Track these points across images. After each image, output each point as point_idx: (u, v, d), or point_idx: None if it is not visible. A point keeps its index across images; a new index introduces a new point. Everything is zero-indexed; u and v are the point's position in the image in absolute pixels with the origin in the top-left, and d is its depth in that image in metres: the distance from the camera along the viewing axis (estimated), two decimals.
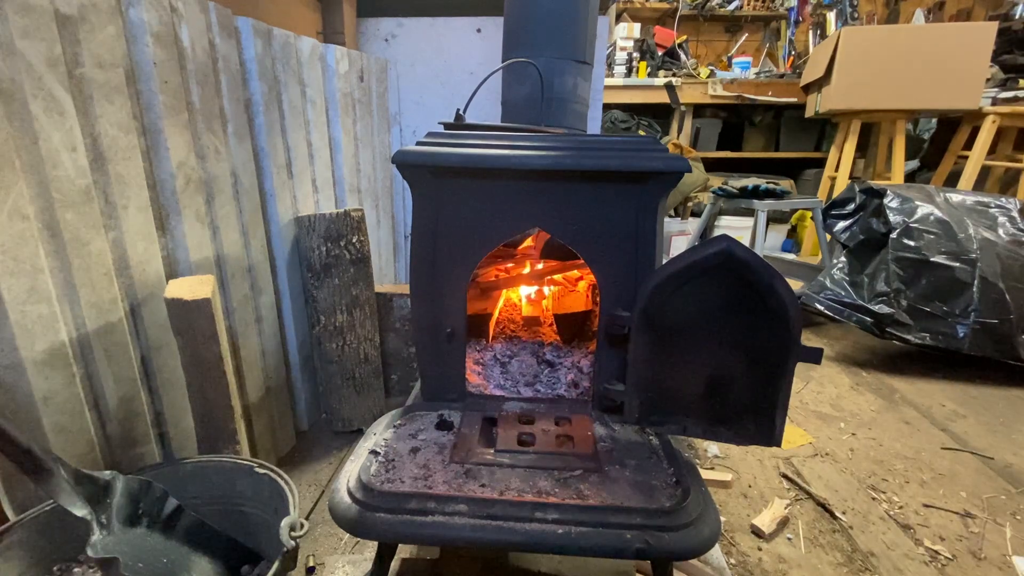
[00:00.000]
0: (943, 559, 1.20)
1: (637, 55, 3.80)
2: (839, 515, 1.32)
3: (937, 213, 2.10)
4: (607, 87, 3.50)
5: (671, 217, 3.61)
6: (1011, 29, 3.21)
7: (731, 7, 4.25)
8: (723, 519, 1.29)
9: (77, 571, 0.85)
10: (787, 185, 3.75)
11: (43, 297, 0.84)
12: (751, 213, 2.76)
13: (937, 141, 3.76)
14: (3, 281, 0.79)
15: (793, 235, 4.00)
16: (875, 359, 2.25)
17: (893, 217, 2.13)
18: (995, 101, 2.99)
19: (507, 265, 1.40)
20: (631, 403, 0.97)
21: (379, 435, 0.97)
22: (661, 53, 3.94)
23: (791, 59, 4.08)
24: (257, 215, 1.34)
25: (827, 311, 2.17)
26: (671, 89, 3.67)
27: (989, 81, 3.03)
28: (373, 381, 1.64)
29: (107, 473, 0.79)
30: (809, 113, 3.47)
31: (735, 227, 3.44)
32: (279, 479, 0.91)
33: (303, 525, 0.81)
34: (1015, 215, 2.12)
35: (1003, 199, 2.17)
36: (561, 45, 1.39)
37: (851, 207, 2.34)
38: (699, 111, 4.00)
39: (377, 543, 0.96)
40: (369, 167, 1.90)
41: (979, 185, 3.34)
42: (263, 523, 0.92)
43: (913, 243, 2.06)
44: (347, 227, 1.48)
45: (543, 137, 0.99)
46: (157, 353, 1.06)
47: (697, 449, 1.59)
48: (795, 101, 3.67)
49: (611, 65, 3.80)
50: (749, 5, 4.26)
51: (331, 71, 1.63)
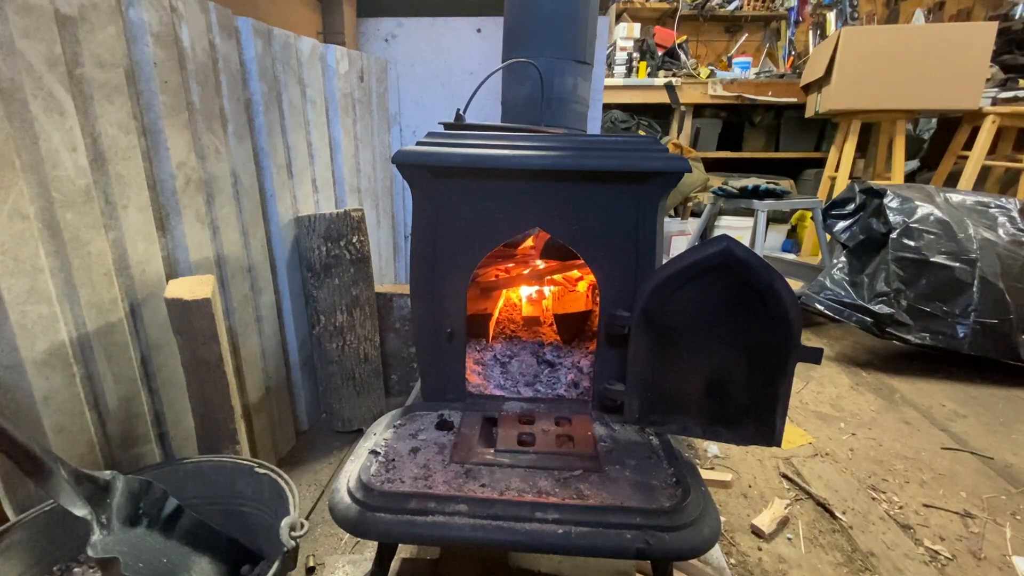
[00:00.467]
0: (943, 559, 1.20)
1: (637, 55, 3.80)
2: (839, 515, 1.32)
3: (937, 213, 2.10)
4: (607, 87, 3.50)
5: (671, 217, 3.61)
6: (1011, 29, 3.21)
7: (731, 7, 4.25)
8: (723, 519, 1.29)
9: (77, 571, 0.85)
10: (787, 185, 3.75)
11: (43, 297, 0.84)
12: (751, 213, 2.76)
13: (937, 141, 3.76)
14: (3, 281, 0.79)
15: (793, 235, 4.00)
16: (875, 359, 2.25)
17: (893, 217, 2.13)
18: (995, 101, 2.99)
19: (507, 265, 1.40)
20: (631, 403, 0.97)
21: (379, 435, 0.97)
22: (661, 53, 3.94)
23: (791, 59, 4.08)
24: (257, 215, 1.34)
25: (827, 311, 2.17)
26: (671, 89, 3.67)
27: (989, 81, 3.04)
28: (373, 381, 1.64)
29: (107, 473, 0.79)
30: (809, 113, 3.47)
31: (735, 227, 3.44)
32: (279, 479, 0.91)
33: (303, 525, 0.80)
34: (1015, 215, 2.12)
35: (1003, 199, 2.17)
36: (561, 45, 1.39)
37: (851, 207, 2.34)
38: (699, 111, 4.00)
39: (377, 543, 0.96)
40: (369, 167, 1.90)
41: (979, 185, 3.34)
42: (263, 523, 0.92)
43: (913, 243, 2.06)
44: (347, 227, 1.48)
45: (543, 137, 0.99)
46: (157, 353, 1.06)
47: (697, 449, 1.59)
48: (795, 101, 3.67)
49: (611, 65, 3.80)
50: (749, 5, 4.26)
51: (331, 71, 1.63)
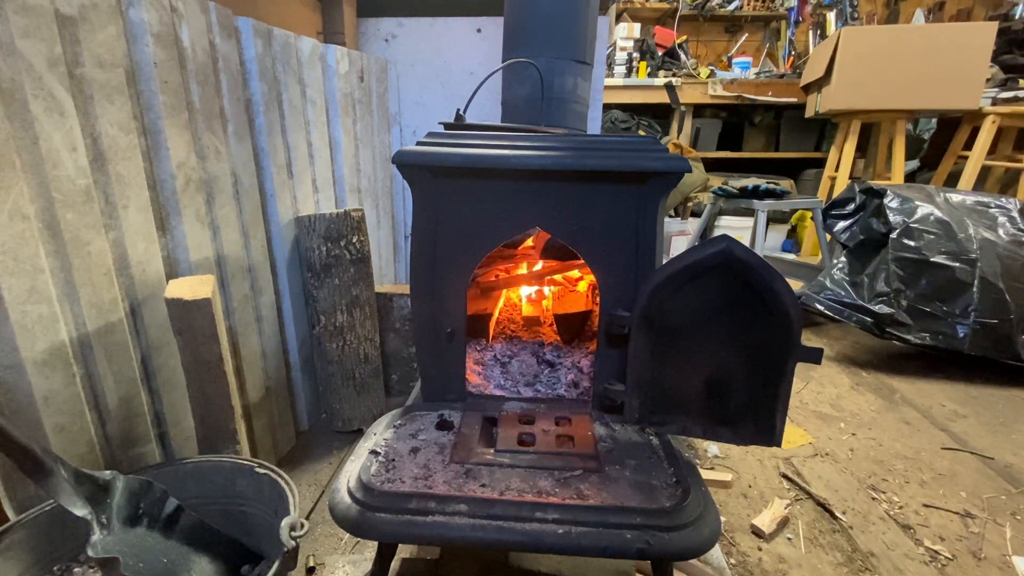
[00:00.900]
0: (943, 559, 1.20)
1: (637, 55, 3.80)
2: (839, 515, 1.32)
3: (937, 213, 2.10)
4: (607, 87, 3.50)
5: (671, 217, 3.61)
6: (1011, 29, 3.21)
7: (731, 7, 4.25)
8: (723, 519, 1.29)
9: (77, 571, 0.85)
10: (787, 185, 3.75)
11: (43, 297, 0.84)
12: (751, 213, 2.76)
13: (937, 141, 3.76)
14: (3, 281, 0.79)
15: (793, 235, 4.00)
16: (875, 359, 2.25)
17: (893, 217, 2.13)
18: (995, 101, 3.00)
19: (507, 265, 1.40)
20: (631, 403, 0.97)
21: (379, 435, 0.97)
22: (661, 53, 3.94)
23: (791, 59, 4.08)
24: (257, 215, 1.34)
25: (827, 311, 2.17)
26: (671, 89, 3.67)
27: (989, 81, 3.04)
28: (373, 381, 1.64)
29: (107, 473, 0.79)
30: (809, 113, 3.47)
31: (735, 227, 3.44)
32: (279, 479, 0.91)
33: (303, 525, 0.80)
34: (1015, 215, 2.12)
35: (1003, 199, 2.17)
36: (561, 45, 1.39)
37: (851, 207, 2.34)
38: (699, 111, 4.00)
39: (377, 543, 0.96)
40: (369, 167, 1.90)
41: (979, 185, 3.34)
42: (263, 523, 0.92)
43: (913, 243, 2.06)
44: (347, 227, 1.48)
45: (543, 137, 0.99)
46: (157, 353, 1.06)
47: (697, 449, 1.59)
48: (795, 101, 3.66)
49: (611, 65, 3.79)
50: (749, 5, 4.26)
51: (331, 71, 1.63)
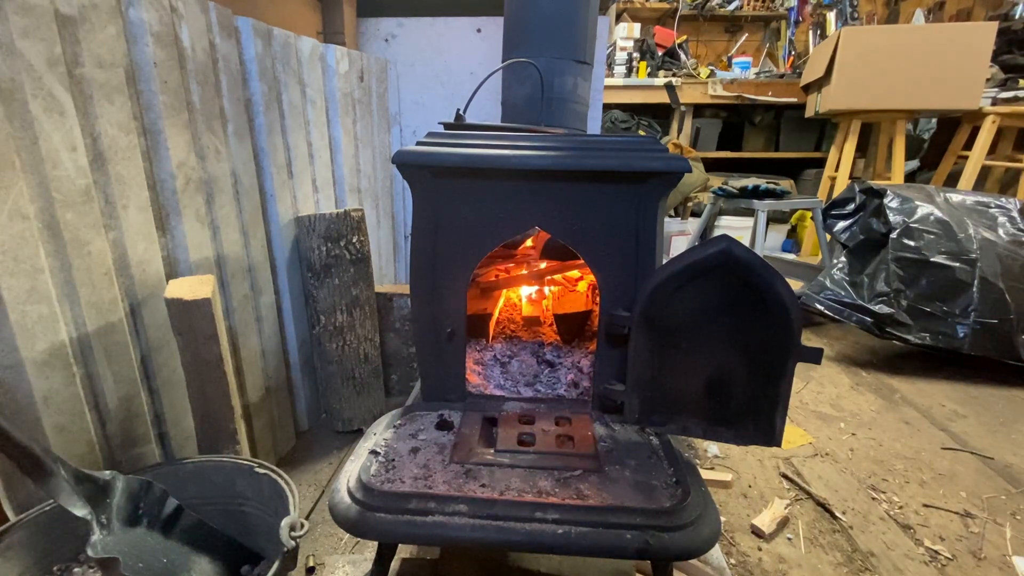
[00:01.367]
0: (943, 559, 1.20)
1: (637, 55, 3.80)
2: (839, 515, 1.32)
3: (937, 213, 2.10)
4: (607, 87, 3.50)
5: (671, 217, 3.61)
6: (1011, 29, 3.21)
7: (731, 7, 4.25)
8: (723, 519, 1.29)
9: (77, 571, 0.85)
10: (787, 185, 3.75)
11: (43, 297, 0.84)
12: (751, 213, 2.76)
13: (937, 141, 3.76)
14: (3, 281, 0.79)
15: (793, 235, 3.99)
16: (875, 359, 2.25)
17: (893, 217, 2.13)
18: (995, 101, 2.99)
19: (507, 265, 1.40)
20: (631, 403, 0.97)
21: (379, 435, 0.97)
22: (661, 53, 3.94)
23: (791, 59, 4.08)
24: (257, 215, 1.34)
25: (827, 311, 2.17)
26: (671, 89, 3.67)
27: (989, 81, 3.03)
28: (373, 381, 1.64)
29: (107, 473, 0.79)
30: (809, 113, 3.47)
31: (735, 227, 3.44)
32: (279, 479, 0.91)
33: (303, 525, 0.80)
34: (1015, 215, 2.12)
35: (1003, 199, 2.17)
36: (561, 45, 1.38)
37: (851, 207, 2.34)
38: (699, 111, 4.00)
39: (377, 543, 0.96)
40: (369, 167, 1.90)
41: (979, 185, 3.34)
42: (263, 523, 0.92)
43: (913, 243, 2.06)
44: (347, 227, 1.48)
45: (543, 137, 0.99)
46: (157, 353, 1.06)
47: (697, 449, 1.59)
48: (795, 101, 3.66)
49: (611, 65, 3.79)
50: (749, 5, 4.26)
51: (331, 71, 1.63)
